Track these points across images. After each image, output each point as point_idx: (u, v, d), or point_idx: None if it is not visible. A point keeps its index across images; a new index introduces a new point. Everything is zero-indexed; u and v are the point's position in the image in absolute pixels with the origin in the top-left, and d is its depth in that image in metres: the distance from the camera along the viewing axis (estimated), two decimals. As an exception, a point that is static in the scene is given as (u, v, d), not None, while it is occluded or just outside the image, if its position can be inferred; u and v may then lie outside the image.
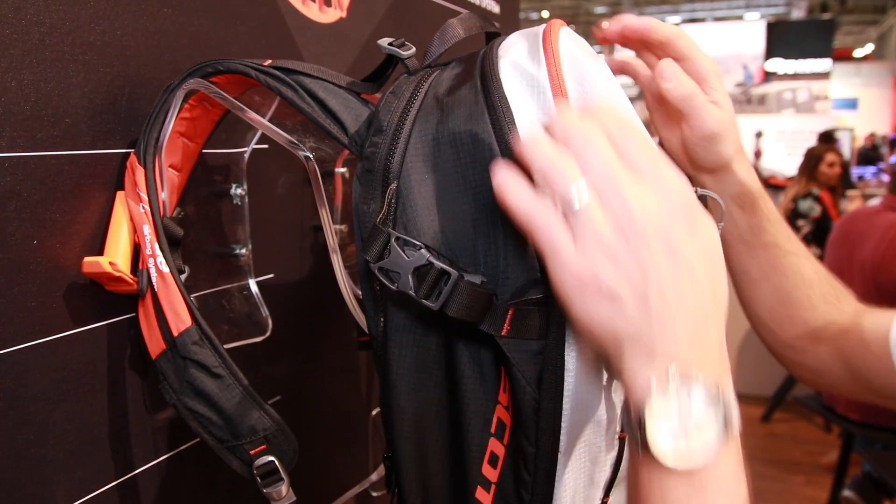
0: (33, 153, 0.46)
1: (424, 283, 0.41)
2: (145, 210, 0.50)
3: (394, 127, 0.44)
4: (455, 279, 0.40)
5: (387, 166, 0.44)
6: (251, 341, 0.64)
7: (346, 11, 0.77)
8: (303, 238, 0.74)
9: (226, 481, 0.64)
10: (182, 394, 0.50)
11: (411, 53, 0.48)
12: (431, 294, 0.41)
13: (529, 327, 0.41)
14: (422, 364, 0.44)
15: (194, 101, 0.53)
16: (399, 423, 0.45)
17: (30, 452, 0.47)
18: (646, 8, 13.50)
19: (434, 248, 0.42)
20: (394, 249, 0.41)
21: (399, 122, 0.45)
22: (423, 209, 0.43)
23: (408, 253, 0.41)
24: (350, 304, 0.52)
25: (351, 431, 0.85)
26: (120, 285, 0.50)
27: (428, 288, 0.41)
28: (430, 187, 0.43)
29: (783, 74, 8.61)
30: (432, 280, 0.41)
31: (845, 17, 12.82)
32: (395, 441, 0.45)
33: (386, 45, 0.49)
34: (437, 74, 0.48)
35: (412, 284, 0.41)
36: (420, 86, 0.46)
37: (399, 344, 0.44)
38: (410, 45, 0.49)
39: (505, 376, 0.44)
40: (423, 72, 0.48)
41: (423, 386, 0.44)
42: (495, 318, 0.41)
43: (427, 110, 0.45)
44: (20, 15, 0.44)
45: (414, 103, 0.45)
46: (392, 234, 0.42)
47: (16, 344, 0.45)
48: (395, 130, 0.44)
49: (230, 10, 0.61)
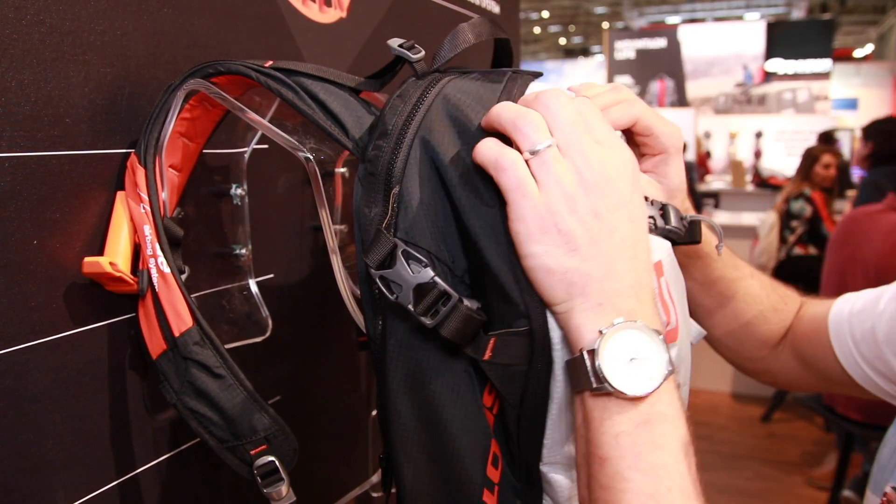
0: (33, 153, 0.46)
1: (424, 300, 0.41)
2: (146, 210, 0.50)
3: (398, 131, 0.44)
4: (454, 302, 0.41)
5: (390, 170, 0.44)
6: (251, 341, 0.64)
7: (346, 11, 0.77)
8: (303, 238, 0.74)
9: (226, 481, 0.64)
10: (183, 394, 0.50)
11: (420, 57, 0.48)
12: (429, 312, 0.41)
13: (513, 354, 0.42)
14: (419, 367, 0.44)
15: (195, 102, 0.53)
16: (395, 426, 0.45)
17: (30, 452, 0.47)
18: (646, 8, 13.50)
19: (434, 252, 0.43)
20: (399, 261, 0.41)
21: (404, 126, 0.44)
22: (423, 215, 0.43)
23: (413, 268, 0.41)
24: (349, 305, 0.52)
25: (351, 432, 0.85)
26: (120, 285, 0.50)
27: (427, 306, 0.41)
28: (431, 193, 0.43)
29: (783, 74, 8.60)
30: (432, 300, 0.41)
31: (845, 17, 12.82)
32: (392, 444, 0.45)
33: (396, 46, 0.48)
34: (450, 81, 0.48)
35: (412, 299, 0.41)
36: (428, 91, 0.46)
37: (397, 347, 0.44)
38: (420, 49, 0.49)
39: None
40: (431, 76, 0.48)
41: (421, 389, 0.44)
42: (479, 345, 0.42)
43: (435, 116, 0.45)
44: (20, 15, 0.44)
45: (420, 108, 0.45)
46: (399, 245, 0.42)
47: (16, 344, 0.45)
48: (399, 134, 0.44)
49: (230, 10, 0.61)
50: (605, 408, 0.39)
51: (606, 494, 0.38)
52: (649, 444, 0.38)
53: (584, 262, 0.40)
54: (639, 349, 0.39)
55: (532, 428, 0.43)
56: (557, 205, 0.40)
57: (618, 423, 0.38)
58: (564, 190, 0.40)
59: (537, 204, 0.40)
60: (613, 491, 0.37)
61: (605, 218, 0.40)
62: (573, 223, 0.40)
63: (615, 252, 0.40)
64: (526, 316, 0.41)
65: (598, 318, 0.39)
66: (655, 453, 0.37)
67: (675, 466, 0.37)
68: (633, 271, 0.41)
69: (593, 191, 0.40)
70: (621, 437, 0.38)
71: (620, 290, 0.40)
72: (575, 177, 0.41)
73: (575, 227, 0.40)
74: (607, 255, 0.40)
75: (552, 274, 0.40)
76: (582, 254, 0.40)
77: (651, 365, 0.39)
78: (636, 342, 0.39)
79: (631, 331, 0.39)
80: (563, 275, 0.40)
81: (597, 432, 0.39)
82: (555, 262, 0.40)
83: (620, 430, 0.38)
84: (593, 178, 0.40)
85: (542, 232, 0.40)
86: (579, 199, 0.40)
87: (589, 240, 0.40)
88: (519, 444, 0.44)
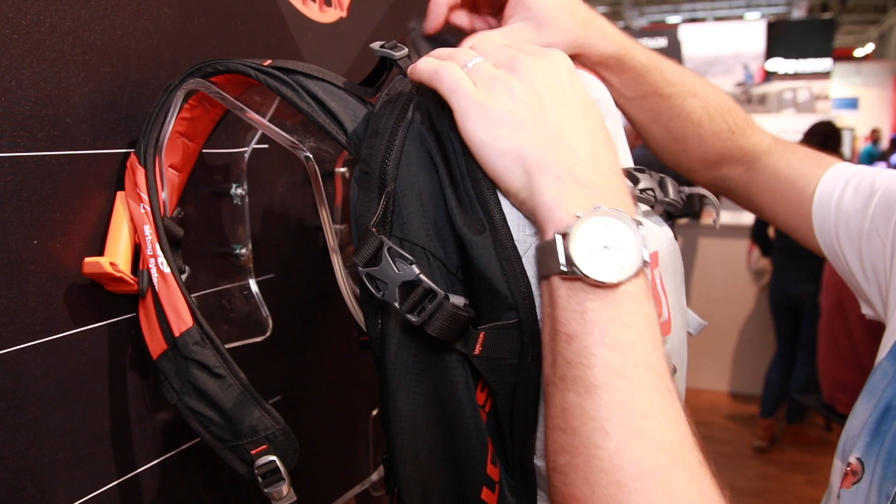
0: (33, 153, 0.46)
1: (410, 297, 0.41)
2: (146, 210, 0.50)
3: (390, 129, 0.44)
4: (440, 300, 0.41)
5: (383, 168, 0.44)
6: (251, 341, 0.64)
7: (346, 11, 0.77)
8: (303, 238, 0.74)
9: (226, 481, 0.64)
10: (183, 394, 0.50)
11: (404, 54, 0.49)
12: (415, 310, 0.41)
13: (503, 348, 0.42)
14: (418, 366, 0.44)
15: (194, 101, 0.53)
16: (396, 425, 0.45)
17: (30, 452, 0.47)
18: (646, 8, 13.50)
19: (429, 249, 0.43)
20: (384, 259, 0.42)
21: (395, 124, 0.45)
22: (418, 211, 0.43)
23: (398, 265, 0.41)
24: (350, 304, 0.52)
25: (351, 431, 0.85)
26: (120, 285, 0.50)
27: (412, 304, 0.41)
28: (430, 187, 0.43)
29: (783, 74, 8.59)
30: (418, 297, 0.41)
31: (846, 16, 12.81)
32: (394, 442, 0.45)
33: (378, 47, 0.49)
34: None
35: (398, 297, 0.41)
36: (416, 87, 0.46)
37: (396, 346, 0.44)
38: (402, 46, 0.49)
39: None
40: None
41: (420, 387, 0.44)
42: (468, 341, 0.42)
43: (427, 108, 0.45)
44: (20, 15, 0.44)
45: (409, 105, 0.45)
46: (385, 242, 0.42)
47: (16, 344, 0.45)
48: (391, 132, 0.44)
49: (230, 10, 0.61)
50: (572, 287, 0.38)
51: (574, 370, 0.38)
52: (616, 320, 0.38)
53: (534, 137, 0.41)
54: (613, 237, 0.38)
55: (525, 421, 0.43)
56: (494, 92, 0.42)
57: (584, 301, 0.38)
58: (500, 81, 0.42)
59: (476, 97, 0.42)
60: (580, 367, 0.38)
61: (544, 95, 0.42)
62: (512, 104, 0.42)
63: (562, 124, 0.41)
64: (514, 308, 0.41)
65: (564, 195, 0.39)
66: (621, 329, 0.38)
67: (641, 344, 0.38)
68: (587, 143, 0.41)
69: (527, 73, 0.43)
70: (588, 314, 0.38)
71: (577, 161, 0.40)
72: (509, 72, 0.43)
73: (516, 106, 0.41)
74: (554, 128, 0.41)
75: (505, 156, 0.41)
76: (529, 129, 0.41)
77: (625, 254, 0.38)
78: (611, 229, 0.38)
79: (607, 217, 0.38)
80: (515, 153, 0.41)
81: (563, 310, 0.39)
82: (504, 143, 0.41)
83: (587, 307, 0.38)
84: (526, 67, 0.43)
85: (486, 118, 0.41)
86: (514, 83, 0.42)
87: (531, 115, 0.41)
88: (512, 439, 0.44)
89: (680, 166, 0.74)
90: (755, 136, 0.73)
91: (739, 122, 0.72)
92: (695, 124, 0.69)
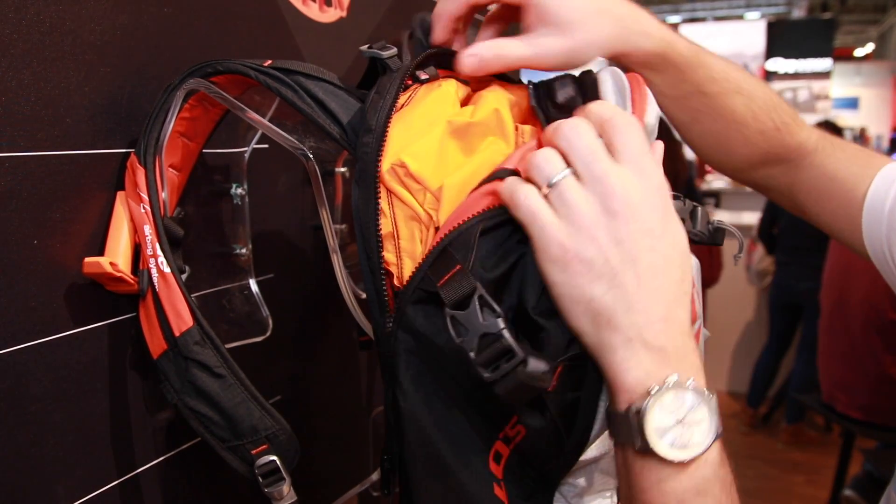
0: (33, 153, 0.46)
1: (486, 351, 0.39)
2: (146, 210, 0.50)
3: (381, 126, 0.44)
4: (516, 363, 0.38)
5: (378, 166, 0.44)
6: (251, 341, 0.64)
7: (346, 11, 0.77)
8: (303, 238, 0.74)
9: (227, 481, 0.64)
10: (184, 393, 0.50)
11: (392, 54, 0.49)
12: (489, 366, 0.38)
13: (569, 381, 0.41)
14: (435, 368, 0.43)
15: (194, 101, 0.53)
16: (409, 426, 0.44)
17: (30, 452, 0.47)
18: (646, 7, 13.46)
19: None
20: (473, 305, 0.39)
21: (386, 120, 0.45)
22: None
23: (485, 315, 0.39)
24: (350, 305, 0.52)
25: (351, 431, 0.85)
26: (120, 285, 0.50)
27: (487, 358, 0.38)
28: None
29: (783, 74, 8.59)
30: (495, 353, 0.38)
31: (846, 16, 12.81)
32: (405, 444, 0.44)
33: (366, 49, 0.49)
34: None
35: (475, 346, 0.39)
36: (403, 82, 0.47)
37: (410, 347, 0.43)
38: (391, 46, 0.50)
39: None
40: (404, 68, 0.48)
41: (437, 390, 0.43)
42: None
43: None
44: (20, 15, 0.44)
45: (398, 100, 0.46)
46: (479, 290, 0.39)
47: (16, 344, 0.45)
48: (382, 129, 0.44)
49: (230, 10, 0.61)
50: (647, 461, 0.38)
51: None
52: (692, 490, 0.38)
53: (608, 293, 0.38)
54: (688, 412, 0.37)
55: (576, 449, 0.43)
56: (576, 234, 0.39)
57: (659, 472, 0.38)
58: (583, 218, 0.39)
59: (555, 234, 0.39)
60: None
61: (627, 246, 0.39)
62: (593, 252, 0.38)
63: (640, 283, 0.39)
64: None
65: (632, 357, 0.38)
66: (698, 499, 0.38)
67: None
68: (661, 303, 0.39)
69: (615, 218, 0.39)
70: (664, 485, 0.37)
71: (648, 324, 0.38)
72: (594, 205, 0.39)
73: (596, 256, 0.38)
74: (632, 285, 0.38)
75: (577, 304, 0.39)
76: (606, 284, 0.38)
77: (700, 425, 0.37)
78: (685, 405, 0.37)
79: (681, 392, 0.37)
80: (587, 305, 0.39)
81: (639, 478, 0.38)
82: (578, 292, 0.39)
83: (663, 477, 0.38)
84: (614, 205, 0.39)
85: (563, 262, 0.39)
86: (599, 226, 0.39)
87: (611, 270, 0.38)
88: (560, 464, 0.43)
89: (722, 167, 0.72)
90: (802, 132, 0.69)
91: (786, 118, 0.68)
92: (739, 124, 0.65)
